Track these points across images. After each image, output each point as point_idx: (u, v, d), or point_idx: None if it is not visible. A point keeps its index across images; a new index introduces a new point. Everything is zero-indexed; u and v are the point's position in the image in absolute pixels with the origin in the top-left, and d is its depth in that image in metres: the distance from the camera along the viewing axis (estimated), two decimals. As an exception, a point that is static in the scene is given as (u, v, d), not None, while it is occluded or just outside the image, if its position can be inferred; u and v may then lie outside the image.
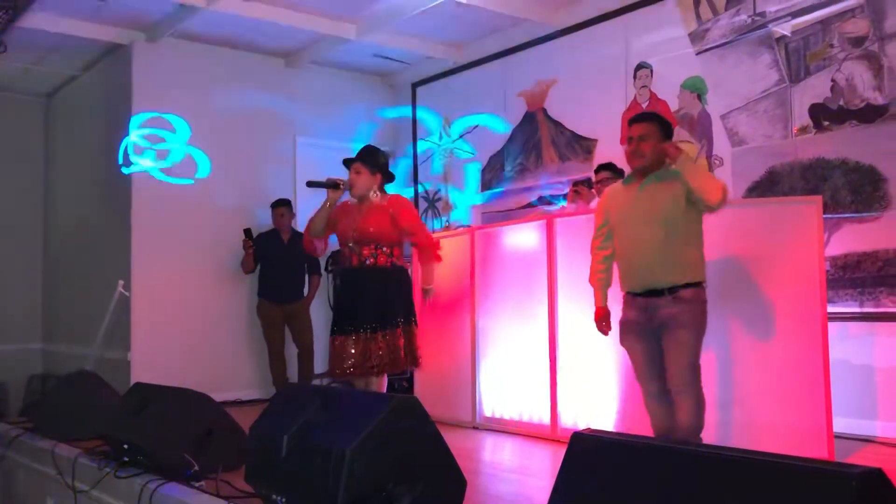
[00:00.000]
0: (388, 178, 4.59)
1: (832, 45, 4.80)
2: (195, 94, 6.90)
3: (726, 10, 5.31)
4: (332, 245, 7.11)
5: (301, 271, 6.75)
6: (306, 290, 6.82)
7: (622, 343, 3.72)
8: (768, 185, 5.05)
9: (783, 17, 5.02)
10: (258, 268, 6.75)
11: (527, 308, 4.91)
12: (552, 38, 6.47)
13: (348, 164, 4.53)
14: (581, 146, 6.26)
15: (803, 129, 4.93)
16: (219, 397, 4.26)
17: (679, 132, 5.53)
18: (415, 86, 7.84)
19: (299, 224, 7.02)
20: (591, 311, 4.41)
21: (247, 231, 6.61)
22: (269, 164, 7.26)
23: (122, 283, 6.42)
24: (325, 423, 2.73)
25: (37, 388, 7.73)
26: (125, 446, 3.65)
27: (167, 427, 3.51)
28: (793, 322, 3.99)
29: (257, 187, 7.05)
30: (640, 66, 5.83)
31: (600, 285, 3.84)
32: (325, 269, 7.14)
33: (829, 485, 1.58)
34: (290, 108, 7.44)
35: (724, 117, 5.31)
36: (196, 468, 3.31)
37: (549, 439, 4.65)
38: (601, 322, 3.84)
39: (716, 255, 4.23)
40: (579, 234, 4.60)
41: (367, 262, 4.39)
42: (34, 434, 4.65)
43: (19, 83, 7.94)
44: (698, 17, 5.46)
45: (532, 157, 6.65)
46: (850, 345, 4.59)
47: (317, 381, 6.66)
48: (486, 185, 7.04)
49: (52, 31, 6.39)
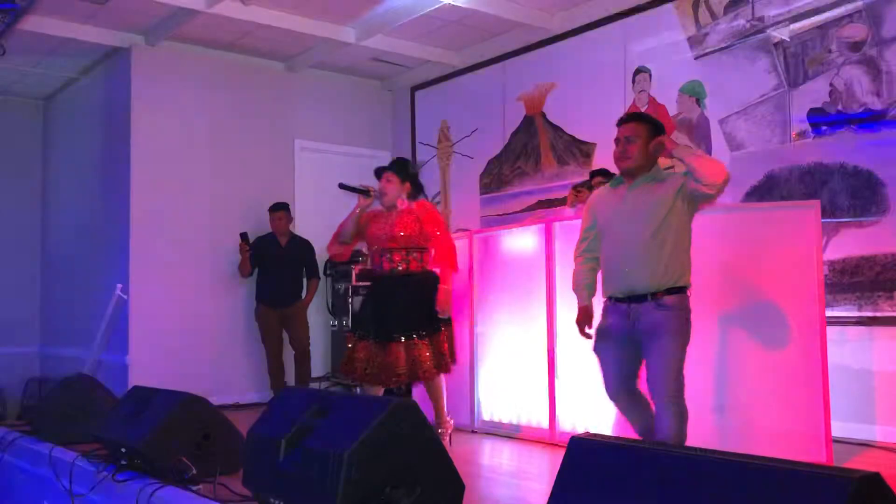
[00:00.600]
0: (417, 189, 4.65)
1: (830, 50, 4.81)
2: (194, 98, 6.91)
3: (725, 14, 5.32)
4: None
5: (299, 275, 6.75)
6: (304, 294, 6.81)
7: (595, 350, 3.55)
8: (766, 190, 5.05)
9: (782, 21, 5.03)
10: (256, 272, 6.74)
11: (525, 312, 4.91)
12: (551, 43, 6.48)
13: (379, 172, 4.59)
14: (580, 150, 6.27)
15: (801, 134, 4.94)
16: (216, 401, 4.26)
17: (678, 136, 5.54)
18: (414, 89, 7.85)
19: (297, 227, 7.03)
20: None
21: (243, 235, 6.60)
22: (267, 168, 7.26)
23: (119, 286, 6.42)
24: (322, 427, 2.73)
25: (34, 392, 7.73)
26: (123, 450, 3.65)
27: (165, 431, 3.51)
28: (791, 326, 3.99)
29: (256, 191, 7.04)
30: (638, 71, 5.84)
31: (584, 287, 3.69)
32: (324, 273, 7.14)
33: (827, 489, 1.58)
34: (288, 111, 7.44)
35: (722, 122, 5.32)
36: (193, 472, 3.31)
37: (548, 443, 4.64)
38: (583, 322, 3.64)
39: (714, 259, 4.23)
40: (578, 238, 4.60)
41: (399, 267, 4.42)
42: (32, 437, 4.64)
43: (18, 86, 7.94)
44: (697, 21, 5.47)
45: (531, 162, 6.66)
46: (848, 349, 4.60)
47: (314, 385, 6.66)
48: (485, 189, 7.04)
49: (51, 34, 6.40)
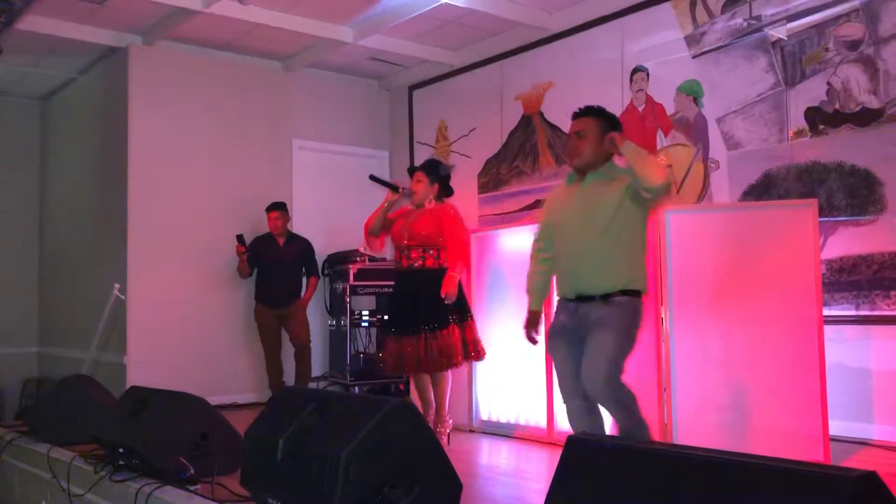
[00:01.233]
0: (446, 190, 4.83)
1: (828, 49, 4.81)
2: (192, 98, 6.90)
3: (722, 13, 5.32)
4: (329, 248, 7.19)
5: (298, 275, 6.73)
6: (303, 292, 6.80)
7: (548, 350, 3.49)
8: (764, 189, 5.06)
9: (779, 20, 5.03)
10: (255, 272, 6.74)
11: (523, 311, 4.89)
12: (548, 42, 6.48)
13: (411, 172, 4.83)
14: (577, 149, 6.26)
15: (799, 133, 4.94)
16: (215, 401, 4.26)
17: (675, 135, 5.55)
18: (411, 89, 7.85)
19: (296, 226, 7.03)
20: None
21: (239, 237, 6.57)
22: (265, 168, 7.25)
23: (118, 286, 6.42)
24: (320, 427, 2.73)
25: (32, 392, 7.73)
26: (121, 450, 3.64)
27: (163, 431, 3.50)
28: (788, 325, 4.00)
29: (254, 190, 7.04)
30: (636, 70, 5.84)
31: (534, 289, 3.61)
32: (323, 273, 7.14)
33: (825, 488, 1.58)
34: (286, 111, 7.44)
35: (719, 121, 5.32)
36: (192, 472, 3.31)
37: (546, 442, 4.65)
38: (528, 327, 3.57)
39: (711, 258, 4.24)
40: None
41: (416, 264, 4.60)
42: (29, 437, 4.64)
43: (16, 86, 7.93)
44: (694, 20, 5.47)
45: (529, 161, 6.66)
46: (845, 348, 4.60)
47: (313, 384, 6.65)
48: (483, 188, 7.04)
49: (49, 33, 6.39)
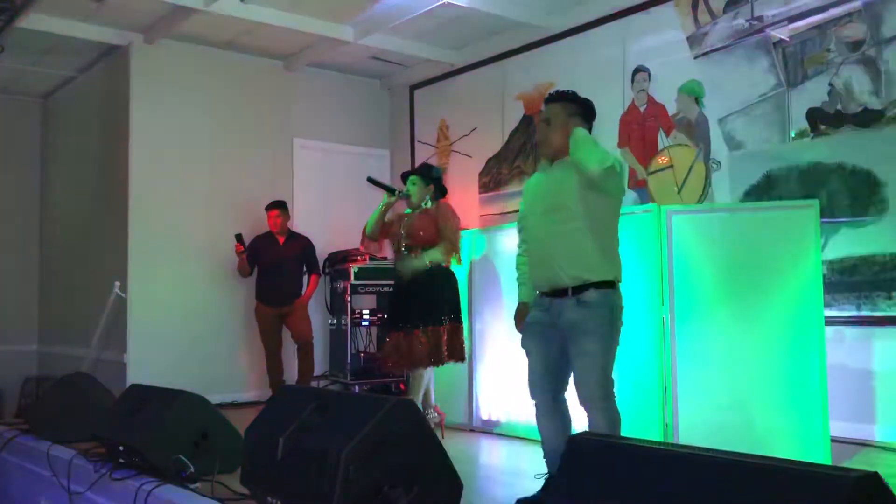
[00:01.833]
0: (441, 191, 4.99)
1: (830, 50, 4.81)
2: (193, 96, 6.90)
3: (724, 14, 5.31)
4: (330, 247, 7.18)
5: (298, 273, 6.73)
6: (304, 290, 6.79)
7: (522, 345, 3.42)
8: (765, 189, 5.05)
9: (781, 21, 5.03)
10: (255, 271, 6.73)
11: (524, 311, 4.91)
12: (550, 42, 6.48)
13: (406, 176, 5.00)
14: (579, 149, 6.25)
15: (800, 134, 4.93)
16: (215, 399, 4.26)
17: (677, 136, 5.55)
18: (413, 88, 7.84)
19: (296, 225, 7.02)
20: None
21: (237, 236, 6.56)
22: (266, 166, 7.25)
23: (118, 284, 6.41)
24: (320, 426, 2.73)
25: (32, 390, 7.73)
26: (121, 448, 3.64)
27: (163, 429, 3.50)
28: (790, 326, 3.99)
29: (255, 189, 7.04)
30: (637, 70, 5.83)
31: (522, 281, 3.52)
32: (323, 271, 7.13)
33: (827, 488, 1.58)
34: (287, 110, 7.44)
35: (721, 121, 5.31)
36: (191, 470, 3.31)
37: (546, 442, 4.64)
38: (517, 320, 3.49)
39: (713, 259, 4.24)
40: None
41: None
42: (30, 435, 4.64)
43: (17, 84, 7.93)
44: (696, 20, 5.47)
45: (530, 161, 6.65)
46: (846, 349, 4.60)
47: (312, 383, 6.65)
48: (484, 188, 7.04)
49: (50, 31, 6.39)
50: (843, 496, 1.54)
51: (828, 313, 4.20)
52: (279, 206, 6.71)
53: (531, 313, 3.39)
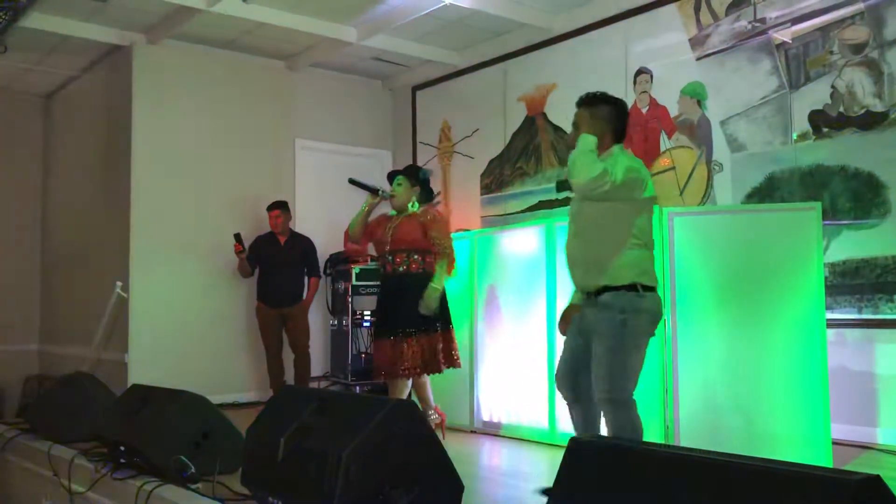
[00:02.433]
0: (427, 193, 4.94)
1: (832, 52, 4.80)
2: (195, 96, 6.90)
3: (727, 15, 5.31)
4: (331, 248, 7.18)
5: (299, 274, 6.73)
6: (305, 293, 6.80)
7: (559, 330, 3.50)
8: (767, 192, 5.05)
9: (783, 23, 5.02)
10: (256, 271, 6.73)
11: (526, 312, 4.91)
12: (552, 43, 6.48)
13: (392, 176, 4.87)
14: (580, 151, 6.25)
15: (803, 136, 4.93)
16: (216, 399, 4.25)
17: (679, 137, 5.55)
18: (415, 89, 7.84)
19: (298, 226, 7.02)
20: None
21: (236, 236, 6.55)
22: (268, 167, 7.25)
23: (119, 284, 6.41)
24: (321, 426, 2.73)
25: (34, 389, 7.73)
26: (122, 448, 3.64)
27: (164, 429, 3.50)
28: (791, 328, 3.99)
29: (257, 190, 7.04)
30: (639, 72, 5.83)
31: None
32: (325, 272, 7.13)
33: (828, 491, 1.58)
34: (289, 110, 7.44)
35: (723, 123, 5.31)
36: (192, 470, 3.30)
37: (548, 444, 4.64)
38: (561, 321, 3.52)
39: (714, 261, 4.24)
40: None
41: (400, 269, 4.65)
42: (31, 435, 4.64)
43: (19, 83, 7.93)
44: (698, 22, 5.47)
45: (532, 162, 6.65)
46: (848, 351, 4.59)
47: (313, 384, 6.65)
48: (486, 189, 7.04)
49: (53, 31, 6.39)
50: (844, 499, 1.54)
51: (829, 316, 4.20)
52: (280, 207, 6.71)
53: (573, 302, 3.47)
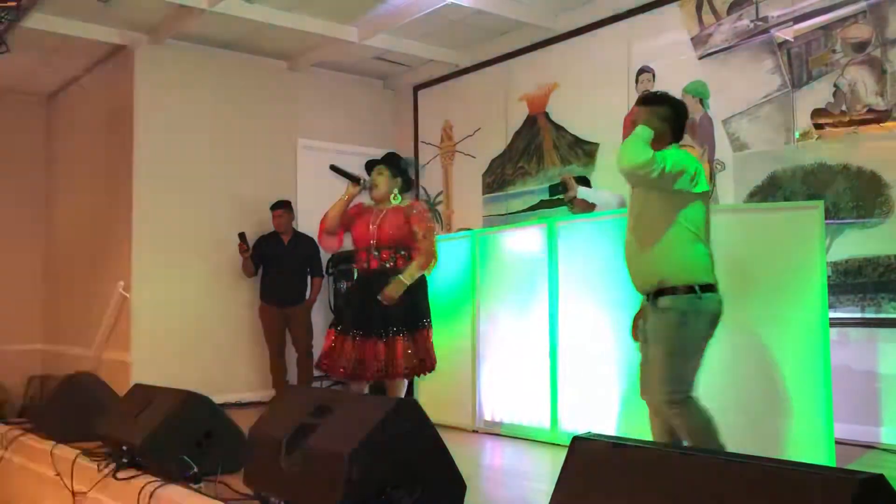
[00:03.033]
0: (408, 184, 4.75)
1: (834, 51, 4.79)
2: (197, 96, 6.91)
3: (729, 14, 5.30)
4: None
5: (303, 273, 6.74)
6: (308, 293, 6.80)
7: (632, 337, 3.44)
8: (770, 191, 5.04)
9: (786, 22, 5.02)
10: (259, 270, 6.74)
11: (528, 312, 4.91)
12: (554, 42, 6.47)
13: (371, 165, 4.67)
14: (583, 150, 6.26)
15: (805, 135, 4.92)
16: (218, 399, 4.25)
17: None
18: (416, 89, 7.84)
19: (300, 225, 7.02)
20: (591, 315, 4.42)
21: (241, 235, 6.57)
22: (270, 166, 7.26)
23: (121, 284, 6.42)
24: (324, 426, 2.73)
25: (36, 389, 7.74)
26: (124, 448, 3.64)
27: (166, 429, 3.50)
28: (794, 327, 3.98)
29: (259, 189, 7.04)
30: (642, 71, 5.83)
31: None
32: (326, 272, 7.13)
33: (831, 491, 1.58)
34: (291, 110, 7.44)
35: (725, 122, 5.31)
36: (195, 470, 3.31)
37: (550, 443, 4.64)
38: (631, 327, 3.44)
39: (717, 260, 4.22)
40: (581, 238, 4.60)
41: (387, 265, 4.47)
42: (33, 434, 4.64)
43: (22, 83, 7.94)
44: (700, 21, 5.46)
45: (533, 161, 6.65)
46: (851, 350, 4.59)
47: (316, 384, 6.65)
48: (488, 188, 7.03)
49: (55, 31, 6.40)
50: (848, 498, 1.53)
51: (832, 315, 4.19)
52: (283, 206, 6.72)
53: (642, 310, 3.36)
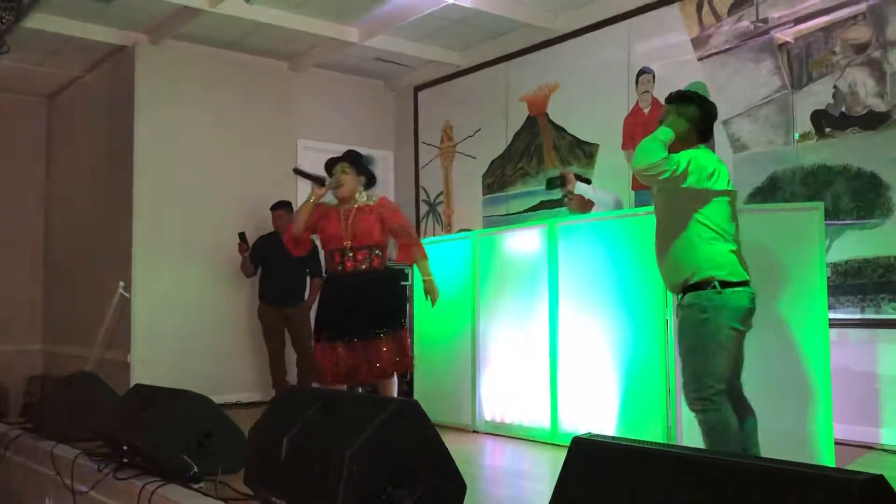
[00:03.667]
0: (371, 182, 4.67)
1: (834, 52, 4.80)
2: (197, 97, 6.91)
3: (729, 15, 5.31)
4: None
5: (302, 274, 6.74)
6: (307, 293, 6.80)
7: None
8: (770, 192, 5.05)
9: (786, 23, 5.02)
10: (259, 271, 6.74)
11: (528, 312, 4.91)
12: (554, 43, 6.48)
13: (332, 164, 4.57)
14: (583, 151, 6.26)
15: (805, 136, 4.93)
16: (218, 399, 4.26)
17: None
18: (417, 89, 7.85)
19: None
20: (591, 316, 4.42)
21: (241, 235, 6.58)
22: (270, 167, 7.25)
23: (122, 284, 6.42)
24: (324, 426, 2.73)
25: (37, 389, 7.74)
26: (124, 447, 3.65)
27: (167, 429, 3.50)
28: (794, 328, 3.98)
29: (259, 189, 7.04)
30: (642, 72, 5.83)
31: None
32: (326, 272, 7.13)
33: (831, 491, 1.58)
34: (292, 110, 7.45)
35: (725, 123, 5.31)
36: (195, 470, 3.31)
37: (550, 443, 4.64)
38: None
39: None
40: (581, 239, 4.60)
41: (363, 266, 4.44)
42: (34, 434, 4.64)
43: (22, 84, 7.94)
44: (701, 22, 5.46)
45: (534, 162, 6.65)
46: (851, 351, 4.59)
47: (315, 384, 6.65)
48: (488, 189, 7.04)
49: (56, 31, 6.41)
50: (847, 499, 1.53)
51: (832, 315, 4.19)
52: (283, 206, 6.72)
53: None
